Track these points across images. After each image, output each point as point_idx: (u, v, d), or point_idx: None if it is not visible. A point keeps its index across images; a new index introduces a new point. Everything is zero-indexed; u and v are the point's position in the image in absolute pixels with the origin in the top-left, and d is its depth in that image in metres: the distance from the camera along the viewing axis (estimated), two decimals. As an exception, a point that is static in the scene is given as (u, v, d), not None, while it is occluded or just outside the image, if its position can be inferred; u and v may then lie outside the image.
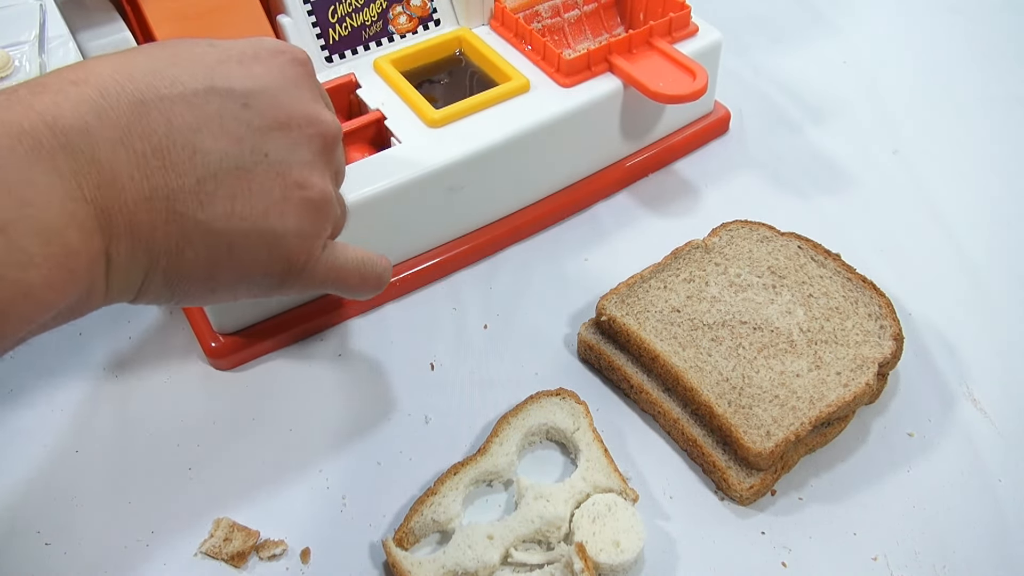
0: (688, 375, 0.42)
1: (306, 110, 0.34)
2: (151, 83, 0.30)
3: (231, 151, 0.31)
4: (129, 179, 0.29)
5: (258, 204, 0.32)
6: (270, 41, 0.35)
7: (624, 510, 0.39)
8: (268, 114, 0.33)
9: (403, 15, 0.55)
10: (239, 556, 0.39)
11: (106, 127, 0.29)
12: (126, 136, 0.29)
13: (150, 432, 0.44)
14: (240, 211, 0.32)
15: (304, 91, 0.35)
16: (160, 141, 0.30)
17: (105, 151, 0.28)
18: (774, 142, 0.62)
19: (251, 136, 0.32)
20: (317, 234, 0.35)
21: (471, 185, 0.50)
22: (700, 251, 0.49)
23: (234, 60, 0.33)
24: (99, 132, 0.28)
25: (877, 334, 0.44)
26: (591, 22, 0.60)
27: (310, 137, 0.34)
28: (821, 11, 0.75)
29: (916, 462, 0.43)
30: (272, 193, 0.33)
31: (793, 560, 0.39)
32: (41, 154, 0.27)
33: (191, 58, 0.32)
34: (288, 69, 0.34)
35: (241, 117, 0.32)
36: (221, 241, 0.32)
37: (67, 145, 0.28)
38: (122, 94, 0.29)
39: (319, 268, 0.36)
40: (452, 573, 0.37)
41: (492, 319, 0.50)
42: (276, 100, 0.33)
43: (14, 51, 0.68)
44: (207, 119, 0.31)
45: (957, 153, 0.61)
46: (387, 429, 0.45)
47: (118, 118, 0.29)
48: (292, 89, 0.34)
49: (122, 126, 0.29)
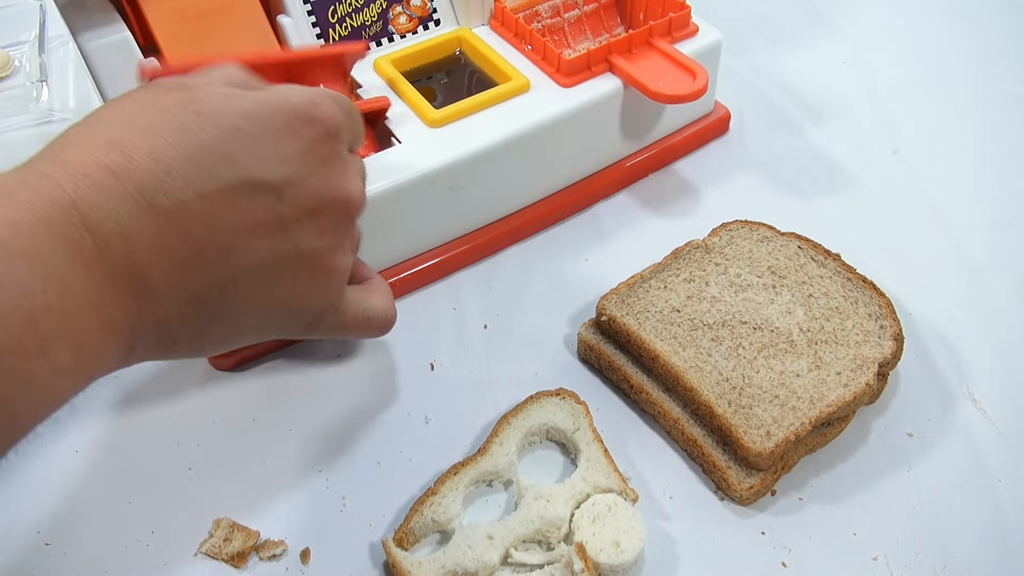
0: (688, 375, 0.42)
1: (335, 193, 0.34)
2: (191, 179, 0.29)
3: (264, 247, 0.31)
4: (162, 279, 0.29)
5: (286, 291, 0.33)
6: (301, 100, 0.33)
7: (624, 510, 0.39)
8: (300, 203, 0.32)
9: (403, 15, 0.55)
10: (239, 556, 0.39)
11: (147, 231, 0.28)
12: (166, 240, 0.28)
13: (150, 432, 0.44)
14: (268, 299, 0.33)
15: (335, 167, 0.34)
16: (198, 244, 0.29)
17: (143, 256, 0.28)
18: (774, 142, 0.62)
19: (283, 229, 0.32)
20: (335, 302, 0.37)
21: (471, 185, 0.50)
22: (700, 251, 0.49)
23: (269, 137, 0.31)
24: (139, 236, 0.28)
25: (877, 334, 0.44)
26: (591, 22, 0.60)
27: (338, 219, 0.34)
28: (821, 11, 0.75)
29: (916, 462, 0.43)
30: (299, 280, 0.33)
31: (793, 560, 0.39)
32: (79, 262, 0.26)
33: (227, 138, 0.30)
34: (321, 146, 0.33)
35: (275, 210, 0.31)
36: (246, 324, 0.33)
37: (106, 252, 0.27)
38: (163, 193, 0.28)
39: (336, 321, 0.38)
40: (452, 573, 0.37)
41: (492, 319, 0.50)
42: (308, 186, 0.32)
43: (14, 51, 0.69)
44: (244, 215, 0.30)
45: (957, 153, 0.61)
46: (387, 429, 0.45)
47: (158, 221, 0.28)
48: (323, 170, 0.33)
49: (162, 229, 0.28)
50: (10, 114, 0.63)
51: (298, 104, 0.33)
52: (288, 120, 0.32)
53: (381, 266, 0.50)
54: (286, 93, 0.33)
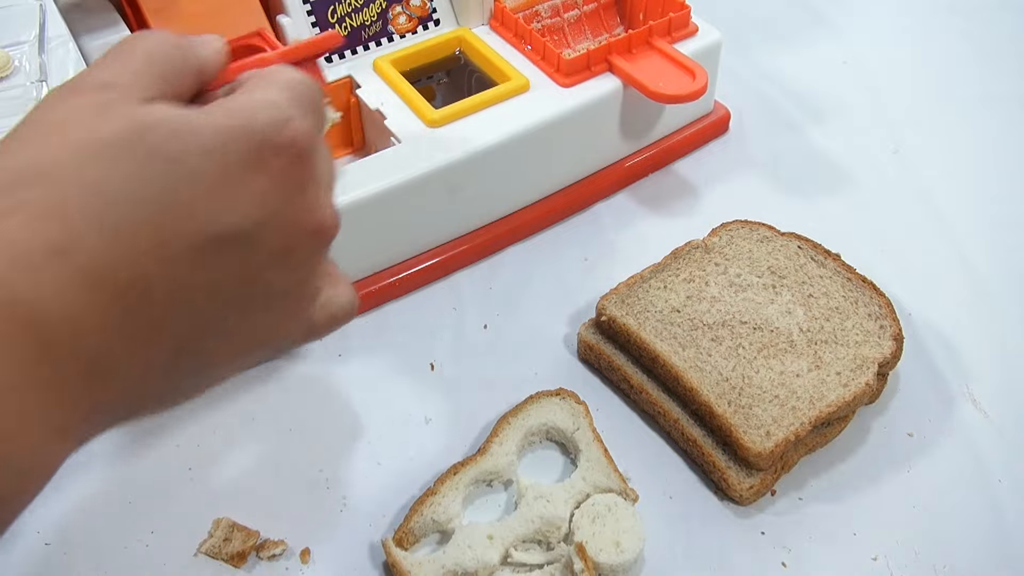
0: (688, 375, 0.42)
1: (311, 224, 0.29)
2: (147, 247, 0.24)
3: (236, 300, 0.28)
4: (122, 359, 0.25)
5: (261, 333, 0.30)
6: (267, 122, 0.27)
7: (624, 510, 0.39)
8: (274, 245, 0.28)
9: (403, 15, 0.55)
10: (239, 556, 0.39)
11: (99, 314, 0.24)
12: (122, 319, 0.24)
13: (150, 432, 0.44)
14: (242, 345, 0.29)
15: (308, 193, 0.29)
16: (161, 314, 0.25)
17: (95, 342, 0.24)
18: (774, 142, 0.62)
19: (256, 277, 0.28)
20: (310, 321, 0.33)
21: (471, 185, 0.50)
22: (700, 251, 0.49)
23: (235, 177, 0.26)
24: (90, 321, 0.24)
25: (877, 334, 0.44)
26: (591, 22, 0.60)
27: (314, 250, 0.30)
28: (821, 11, 0.75)
29: (916, 462, 0.43)
30: (274, 318, 0.30)
31: (793, 560, 0.39)
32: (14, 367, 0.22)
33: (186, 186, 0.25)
34: (293, 174, 0.28)
35: (246, 259, 0.27)
36: (221, 373, 0.30)
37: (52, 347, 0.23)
38: (115, 269, 0.24)
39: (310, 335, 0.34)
40: (452, 573, 0.37)
41: (492, 319, 0.50)
42: (281, 224, 0.28)
43: (14, 51, 0.69)
44: (212, 272, 0.26)
45: (957, 153, 0.61)
46: (387, 429, 0.45)
47: (112, 301, 0.24)
48: (297, 201, 0.29)
49: (118, 308, 0.24)
50: (10, 114, 0.63)
51: (265, 128, 0.27)
52: (255, 152, 0.27)
53: (381, 266, 0.50)
54: (249, 112, 0.27)
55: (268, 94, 0.28)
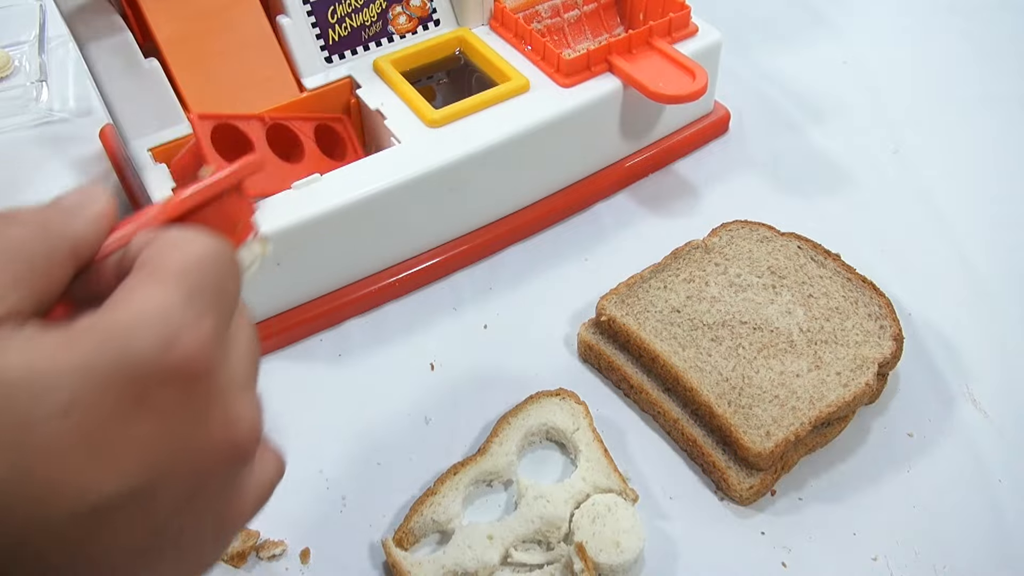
0: (688, 375, 0.42)
1: (218, 450, 0.24)
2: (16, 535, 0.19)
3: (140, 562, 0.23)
4: None
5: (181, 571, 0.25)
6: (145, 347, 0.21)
7: (624, 510, 0.39)
8: (177, 490, 0.23)
9: (403, 15, 0.55)
10: (239, 556, 0.39)
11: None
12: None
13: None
14: None
15: (213, 413, 0.23)
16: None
17: None
18: (774, 142, 0.62)
19: (162, 529, 0.23)
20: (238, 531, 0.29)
21: (471, 185, 0.50)
22: (700, 251, 0.49)
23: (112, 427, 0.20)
24: None
25: (877, 334, 0.44)
26: (591, 22, 0.60)
27: (232, 475, 0.26)
28: (821, 11, 0.75)
29: (916, 462, 0.43)
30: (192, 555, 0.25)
31: (793, 560, 0.39)
32: None
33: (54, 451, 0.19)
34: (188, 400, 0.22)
35: (145, 517, 0.22)
36: None
37: None
38: None
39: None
40: (452, 573, 0.37)
41: (492, 319, 0.50)
42: (180, 466, 0.22)
43: (14, 51, 0.69)
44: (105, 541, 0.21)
45: (957, 153, 0.61)
46: (387, 429, 0.45)
47: None
48: (199, 429, 0.23)
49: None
50: (10, 114, 0.63)
51: (146, 355, 0.21)
52: (136, 390, 0.21)
53: (381, 266, 0.50)
54: (125, 335, 0.21)
55: (153, 297, 0.22)
